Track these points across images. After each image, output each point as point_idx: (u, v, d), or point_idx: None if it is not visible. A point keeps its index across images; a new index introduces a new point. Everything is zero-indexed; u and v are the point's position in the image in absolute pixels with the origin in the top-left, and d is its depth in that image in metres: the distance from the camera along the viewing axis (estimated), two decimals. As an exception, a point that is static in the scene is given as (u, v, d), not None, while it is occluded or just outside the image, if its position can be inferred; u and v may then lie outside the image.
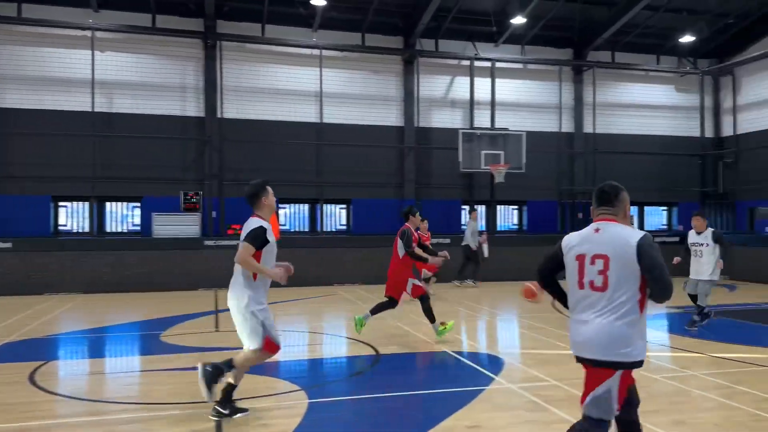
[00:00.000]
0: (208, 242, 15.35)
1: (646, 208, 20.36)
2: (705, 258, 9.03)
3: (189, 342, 8.47)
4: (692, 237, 9.25)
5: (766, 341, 8.90)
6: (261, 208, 5.24)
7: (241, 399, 5.53)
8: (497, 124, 17.88)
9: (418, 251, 8.60)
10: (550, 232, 18.59)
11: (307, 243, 16.24)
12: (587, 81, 19.03)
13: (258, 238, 4.94)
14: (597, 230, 3.56)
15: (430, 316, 8.24)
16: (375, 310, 8.48)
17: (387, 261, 16.61)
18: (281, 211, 17.17)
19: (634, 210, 19.96)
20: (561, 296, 3.86)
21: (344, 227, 17.86)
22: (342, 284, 15.90)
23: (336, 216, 17.92)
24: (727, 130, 20.05)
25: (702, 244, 9.07)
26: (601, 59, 19.08)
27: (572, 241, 3.63)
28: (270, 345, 5.05)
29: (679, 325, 10.40)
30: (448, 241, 16.87)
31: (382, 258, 16.08)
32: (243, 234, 5.06)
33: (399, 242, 8.52)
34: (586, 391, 3.50)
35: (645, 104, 19.79)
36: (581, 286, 3.52)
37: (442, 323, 8.39)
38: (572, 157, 19.00)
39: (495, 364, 7.22)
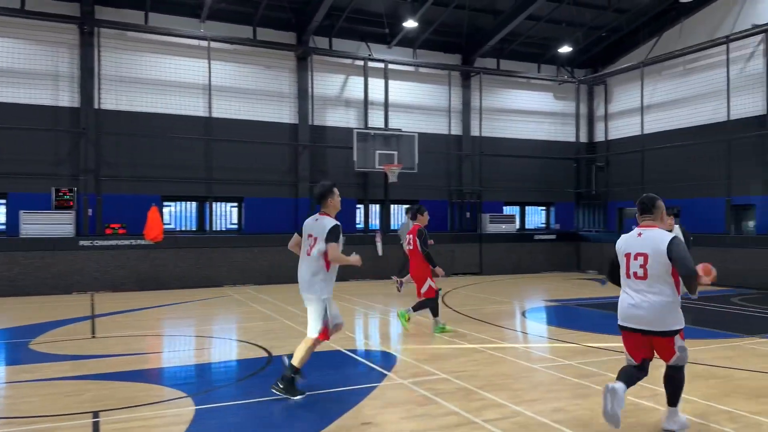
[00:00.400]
0: (83, 242, 14.29)
1: (527, 208, 21.54)
2: None
3: (62, 350, 7.82)
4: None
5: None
6: (327, 207, 6.08)
7: (120, 408, 5.20)
8: (391, 125, 18.15)
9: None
10: (441, 230, 19.17)
11: (195, 243, 15.59)
12: (474, 86, 19.80)
13: (338, 236, 5.76)
14: (643, 229, 4.83)
15: (435, 312, 8.97)
16: (435, 312, 8.98)
17: (280, 261, 16.41)
18: (165, 210, 16.34)
19: (516, 210, 21.08)
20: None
21: (235, 226, 17.33)
22: (233, 285, 15.44)
23: (226, 214, 17.33)
24: (599, 136, 21.67)
25: None
26: (488, 66, 19.93)
27: (622, 243, 4.97)
28: (324, 333, 5.69)
29: (557, 317, 11.10)
30: (343, 240, 16.93)
31: (274, 257, 15.95)
32: (318, 232, 5.86)
33: (418, 241, 9.10)
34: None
35: (527, 110, 20.93)
36: (628, 274, 4.89)
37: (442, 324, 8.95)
38: (460, 158, 19.69)
39: (388, 360, 7.31)
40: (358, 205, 18.38)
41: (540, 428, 4.80)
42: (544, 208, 21.92)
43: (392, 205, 18.89)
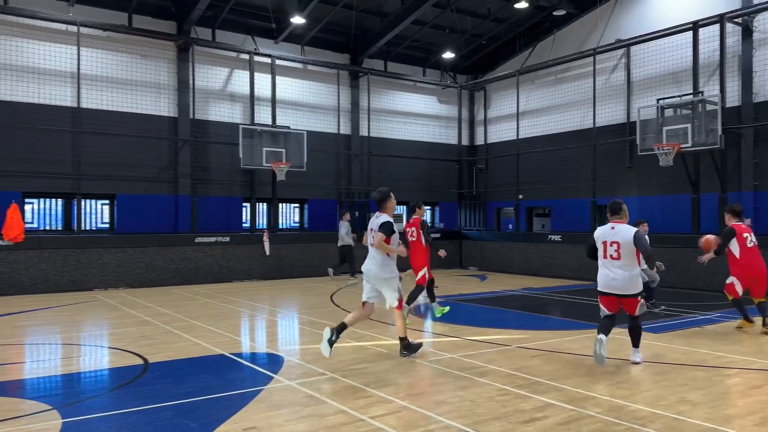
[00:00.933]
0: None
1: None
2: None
3: None
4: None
5: (511, 324, 10.22)
6: (386, 209, 7.32)
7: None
8: (279, 122, 17.82)
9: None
10: (330, 229, 19.12)
11: (61, 243, 14.38)
12: (363, 86, 19.97)
13: (389, 229, 7.01)
14: (613, 225, 6.94)
15: (432, 296, 10.21)
16: (431, 297, 10.13)
17: (156, 262, 15.59)
18: (27, 207, 14.93)
19: (403, 209, 21.54)
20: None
21: (106, 225, 16.19)
22: (104, 289, 14.43)
23: (97, 213, 16.13)
24: (479, 140, 22.68)
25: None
26: (375, 67, 20.18)
27: (599, 233, 7.02)
28: (401, 303, 7.21)
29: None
30: (227, 239, 16.39)
31: (150, 258, 15.11)
32: (374, 226, 7.14)
33: (422, 232, 9.88)
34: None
35: (413, 112, 21.45)
36: (605, 255, 6.90)
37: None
38: (350, 157, 19.78)
39: (274, 362, 7.15)
40: (245, 204, 17.87)
41: (424, 421, 4.90)
42: (429, 207, 22.56)
43: (280, 204, 18.58)
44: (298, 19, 17.00)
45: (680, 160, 14.44)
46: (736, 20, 14.64)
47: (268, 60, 17.78)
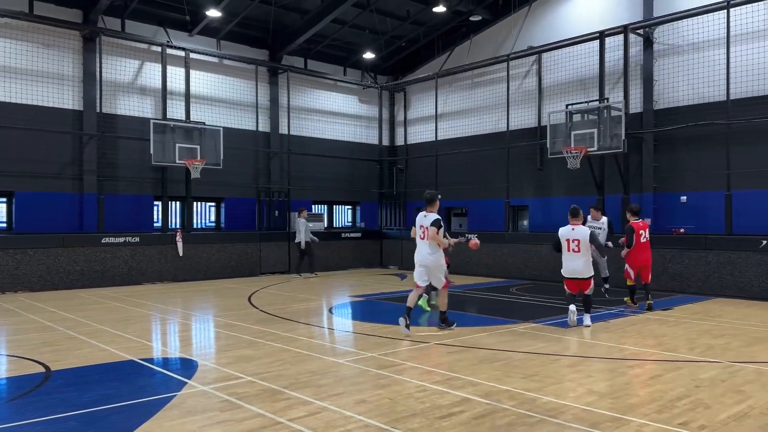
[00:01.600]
0: None
1: (335, 207, 22.02)
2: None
3: None
4: (591, 223, 12.34)
5: (429, 321, 10.38)
6: (433, 207, 8.90)
7: None
8: (193, 118, 17.23)
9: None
10: (249, 229, 18.71)
11: (-49, 244, 13.24)
12: (282, 84, 19.67)
13: (439, 224, 8.60)
14: (573, 226, 9.23)
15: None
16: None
17: (60, 264, 14.68)
18: None
19: (324, 208, 21.44)
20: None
21: (4, 225, 15.05)
22: (2, 293, 13.42)
23: (-7, 211, 14.97)
24: (399, 140, 22.93)
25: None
26: (295, 64, 19.94)
27: (563, 232, 9.29)
28: (447, 284, 8.99)
29: (361, 312, 11.46)
30: (137, 239, 15.67)
31: (52, 260, 14.18)
32: (427, 223, 8.72)
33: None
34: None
35: (334, 111, 21.38)
36: (568, 249, 9.22)
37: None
38: (269, 156, 19.43)
39: (188, 367, 6.89)
40: (156, 202, 17.15)
41: (344, 421, 4.88)
42: (350, 207, 22.57)
43: (195, 203, 17.98)
44: (213, 12, 16.51)
45: (587, 163, 15.21)
46: (638, 31, 15.60)
47: (182, 53, 17.15)
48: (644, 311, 10.64)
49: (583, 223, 9.71)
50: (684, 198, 15.16)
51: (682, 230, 14.56)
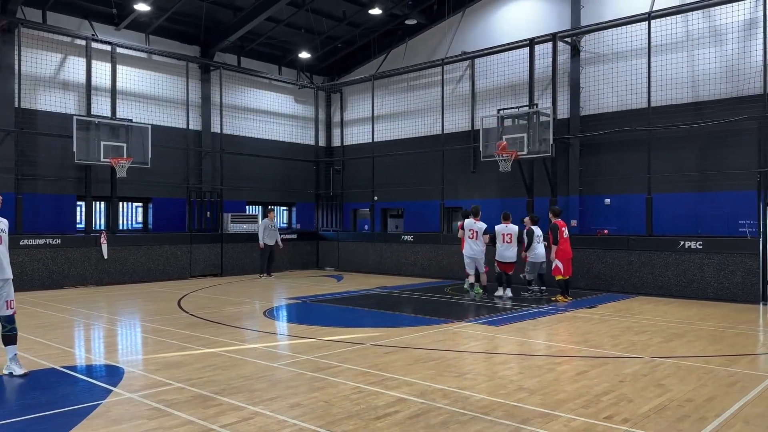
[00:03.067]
0: None
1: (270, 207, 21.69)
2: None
3: None
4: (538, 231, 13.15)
5: (365, 323, 10.40)
6: (478, 216, 12.87)
7: None
8: (119, 114, 16.56)
9: None
10: (179, 230, 18.14)
11: None
12: (215, 81, 19.20)
13: (490, 231, 12.65)
14: (506, 225, 12.72)
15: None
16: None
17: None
18: None
19: (258, 209, 21.07)
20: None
21: None
22: None
23: None
24: (336, 141, 22.85)
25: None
26: (228, 62, 19.51)
27: (499, 228, 12.69)
28: (487, 268, 12.81)
29: (297, 314, 11.34)
30: (58, 241, 14.89)
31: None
32: (476, 227, 12.83)
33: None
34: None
35: (269, 111, 21.06)
36: (503, 241, 12.61)
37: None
38: (200, 155, 18.92)
39: (113, 374, 6.60)
40: (79, 203, 16.36)
41: (278, 426, 4.80)
42: (286, 208, 22.30)
43: (120, 203, 17.27)
44: (142, 6, 15.93)
45: (517, 167, 15.66)
46: (566, 39, 16.21)
47: (108, 47, 16.46)
48: (551, 303, 11.63)
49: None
50: (608, 200, 15.86)
51: (605, 231, 15.23)
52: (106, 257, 15.55)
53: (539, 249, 12.84)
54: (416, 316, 10.96)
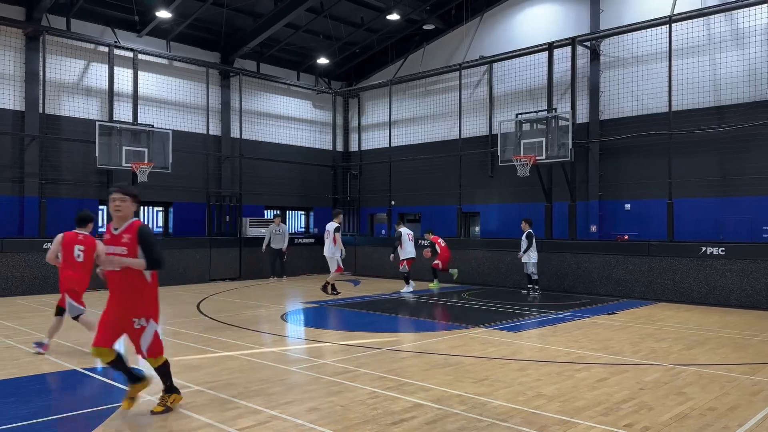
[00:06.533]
0: None
1: (288, 212, 21.80)
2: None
3: None
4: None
5: (382, 327, 10.39)
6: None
7: None
8: (141, 120, 16.80)
9: None
10: (198, 234, 18.33)
11: None
12: (234, 87, 19.40)
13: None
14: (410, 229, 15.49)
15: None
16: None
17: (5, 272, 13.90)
18: None
19: (277, 214, 21.20)
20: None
21: (-63, 229, 14.29)
22: (-68, 301, 12.72)
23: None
24: (353, 146, 22.94)
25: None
26: (248, 68, 19.71)
27: (404, 230, 15.07)
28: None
29: (314, 318, 11.37)
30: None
31: (-9, 266, 13.50)
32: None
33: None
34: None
35: (287, 116, 21.21)
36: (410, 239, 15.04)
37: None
38: (220, 160, 19.11)
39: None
40: (101, 207, 16.60)
41: (295, 430, 4.82)
42: (303, 212, 22.40)
43: (142, 207, 17.49)
44: (164, 13, 16.16)
45: (535, 171, 15.57)
46: (585, 44, 16.11)
47: (130, 54, 16.72)
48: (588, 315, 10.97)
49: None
50: (628, 205, 15.70)
51: (626, 237, 15.07)
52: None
53: (536, 251, 13.74)
54: (433, 321, 10.93)
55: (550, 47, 16.09)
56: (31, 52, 15.14)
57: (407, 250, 14.90)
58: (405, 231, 15.08)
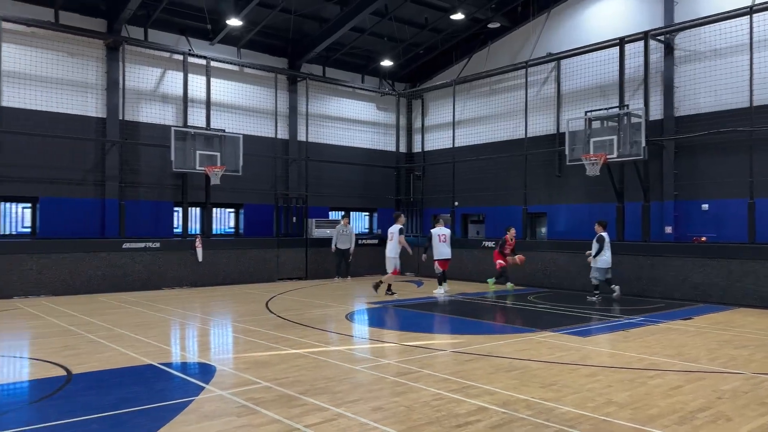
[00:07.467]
0: None
1: (352, 213, 22.05)
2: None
3: None
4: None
5: (445, 329, 10.36)
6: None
7: None
8: (213, 125, 17.45)
9: None
10: (267, 235, 18.85)
11: (-23, 249, 13.50)
12: (301, 91, 19.83)
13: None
14: (441, 227, 14.94)
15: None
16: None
17: (81, 268, 14.89)
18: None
19: (341, 215, 21.49)
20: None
21: (28, 230, 15.34)
22: (24, 297, 13.65)
23: (18, 216, 15.25)
24: (417, 147, 22.95)
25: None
26: (314, 72, 20.09)
27: (435, 231, 14.80)
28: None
29: (378, 318, 11.46)
30: (157, 245, 15.84)
31: (75, 265, 14.40)
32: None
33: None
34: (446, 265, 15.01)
35: (351, 118, 21.48)
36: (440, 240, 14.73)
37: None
38: (287, 162, 19.58)
39: (206, 371, 6.95)
40: (176, 208, 17.35)
41: (360, 428, 4.88)
42: (367, 213, 22.61)
43: (214, 209, 18.15)
44: (234, 21, 16.72)
45: (606, 170, 15.09)
46: (659, 38, 15.48)
47: (203, 61, 17.39)
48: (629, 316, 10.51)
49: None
50: (705, 206, 14.96)
51: (703, 239, 14.37)
52: (200, 260, 16.38)
53: (608, 255, 12.95)
54: (498, 324, 10.78)
55: (621, 42, 15.55)
56: (111, 61, 16.02)
57: (440, 251, 14.70)
58: (436, 232, 14.80)
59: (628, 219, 15.47)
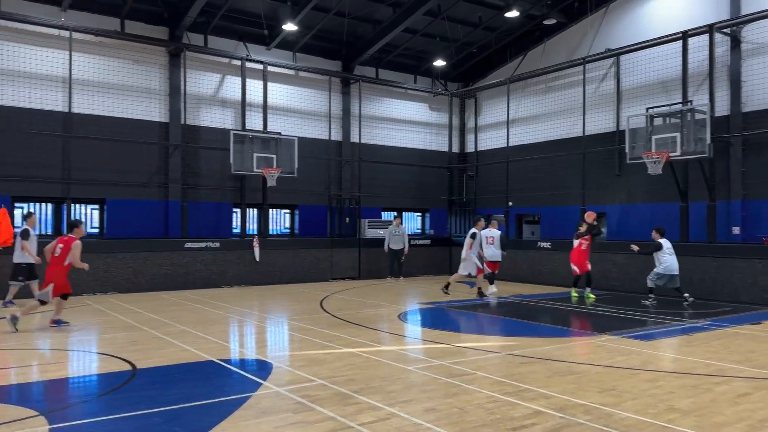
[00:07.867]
0: None
1: (404, 214, 22.09)
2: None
3: None
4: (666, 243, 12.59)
5: (499, 331, 10.24)
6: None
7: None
8: (270, 128, 17.83)
9: None
10: (321, 235, 19.12)
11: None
12: (354, 93, 20.01)
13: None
14: (491, 229, 14.57)
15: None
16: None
17: (145, 267, 15.47)
18: (17, 212, 14.80)
19: (393, 215, 21.56)
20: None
21: (96, 230, 16.09)
22: (92, 294, 14.33)
23: (87, 217, 16.01)
24: (470, 147, 22.76)
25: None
26: (367, 74, 20.23)
27: (483, 232, 14.28)
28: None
29: (431, 319, 11.44)
30: (217, 245, 16.31)
31: (139, 264, 15.00)
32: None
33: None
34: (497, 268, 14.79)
35: (404, 119, 21.51)
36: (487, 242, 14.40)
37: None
38: (340, 164, 19.80)
39: (263, 368, 7.12)
40: (235, 209, 17.83)
41: (413, 428, 4.89)
42: (420, 214, 22.59)
43: (271, 210, 18.55)
44: (290, 26, 17.03)
45: (669, 169, 14.55)
46: (724, 30, 14.82)
47: (260, 66, 17.80)
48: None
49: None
50: (777, 205, 14.22)
51: (774, 240, 13.65)
52: (258, 260, 16.77)
53: (670, 261, 12.40)
54: (555, 327, 10.57)
55: (684, 36, 14.97)
56: (173, 68, 16.61)
57: (488, 252, 14.40)
58: (485, 234, 14.39)
59: (692, 219, 14.88)
